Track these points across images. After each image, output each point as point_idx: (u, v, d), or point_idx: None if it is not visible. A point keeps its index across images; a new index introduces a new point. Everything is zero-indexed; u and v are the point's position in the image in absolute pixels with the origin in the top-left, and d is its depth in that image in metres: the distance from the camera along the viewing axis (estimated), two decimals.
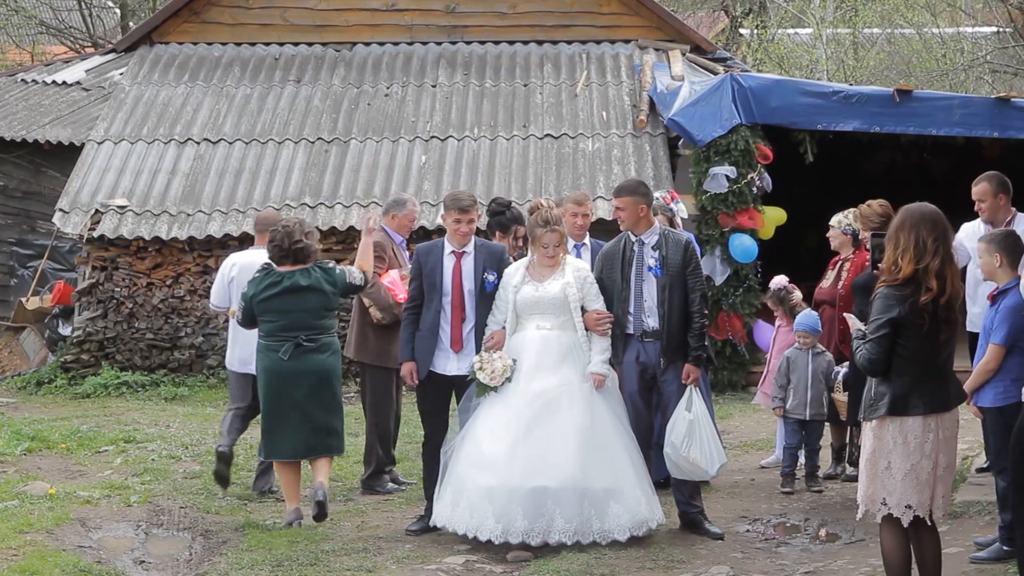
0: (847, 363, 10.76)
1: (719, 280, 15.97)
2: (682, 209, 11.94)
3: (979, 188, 9.79)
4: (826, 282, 11.46)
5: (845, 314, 8.28)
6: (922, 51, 32.83)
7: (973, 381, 8.43)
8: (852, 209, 11.10)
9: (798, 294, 11.96)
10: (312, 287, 10.06)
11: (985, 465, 10.81)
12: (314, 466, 10.20)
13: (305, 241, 10.12)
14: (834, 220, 11.37)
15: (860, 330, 7.48)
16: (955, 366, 7.53)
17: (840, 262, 11.35)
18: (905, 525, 7.34)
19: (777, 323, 12.12)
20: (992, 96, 16.82)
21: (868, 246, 9.76)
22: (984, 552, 8.58)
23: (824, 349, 11.17)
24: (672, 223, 11.02)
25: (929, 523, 7.40)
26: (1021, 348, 8.35)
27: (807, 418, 11.14)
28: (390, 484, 11.27)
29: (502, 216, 11.12)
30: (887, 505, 7.34)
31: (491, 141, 18.12)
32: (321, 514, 9.90)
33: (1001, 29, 32.27)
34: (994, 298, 8.49)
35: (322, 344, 10.10)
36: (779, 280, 12.06)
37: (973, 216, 10.25)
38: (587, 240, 10.80)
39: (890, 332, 7.22)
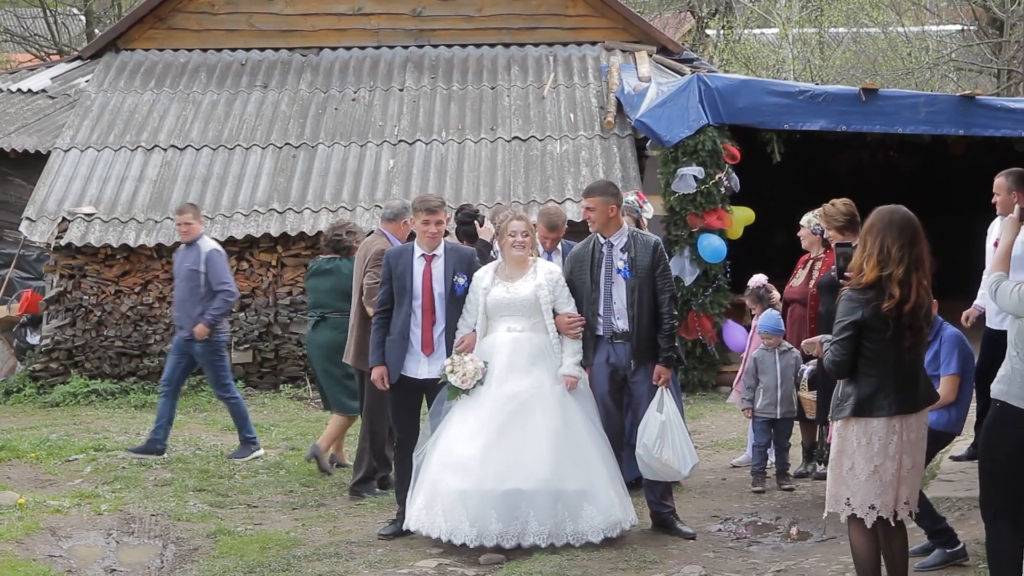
0: (813, 361, 10.79)
1: (688, 280, 15.99)
2: (648, 210, 11.96)
3: (996, 182, 9.81)
4: (796, 281, 11.48)
5: (804, 341, 8.35)
6: (888, 50, 32.97)
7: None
8: (820, 208, 11.13)
9: (776, 294, 11.97)
10: (330, 271, 11.99)
11: (960, 454, 10.90)
12: None
13: (344, 236, 12.12)
14: (804, 220, 11.39)
15: (826, 339, 7.53)
16: None
17: (811, 261, 11.37)
18: (868, 526, 7.37)
19: (755, 322, 12.10)
20: (957, 94, 16.89)
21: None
22: (928, 558, 8.59)
23: (791, 347, 11.19)
24: (639, 223, 11.04)
25: (893, 523, 7.44)
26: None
27: (778, 416, 11.17)
28: (378, 490, 11.24)
29: (469, 226, 11.16)
30: (851, 505, 7.37)
31: (459, 144, 18.12)
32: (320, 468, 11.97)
33: (965, 27, 32.44)
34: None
35: (332, 321, 11.86)
36: (758, 279, 12.06)
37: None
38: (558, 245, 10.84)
39: (854, 334, 7.25)
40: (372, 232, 12.49)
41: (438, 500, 9.31)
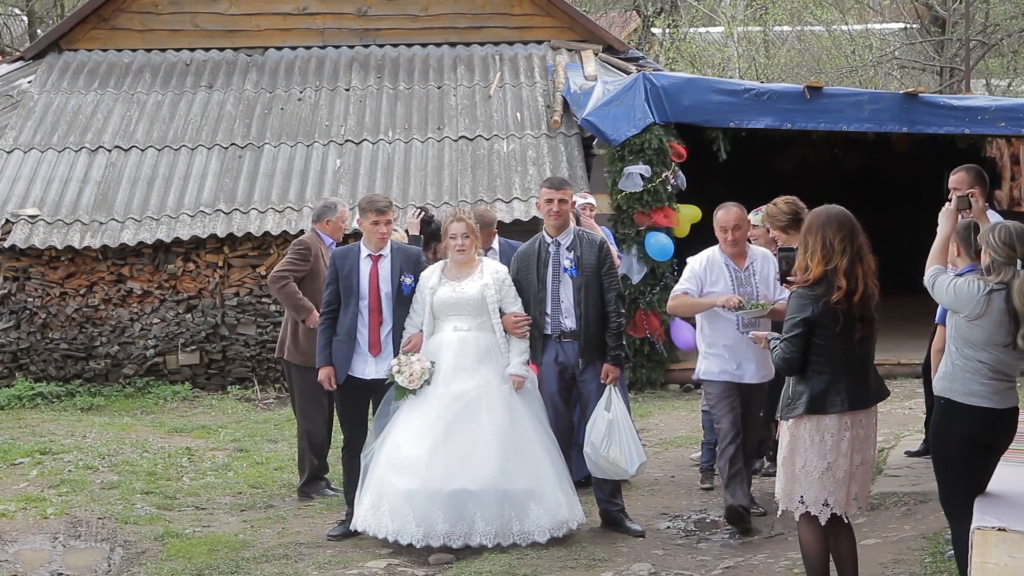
0: None
1: (636, 279, 16.00)
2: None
3: (957, 177, 9.78)
4: None
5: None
6: (832, 48, 33.19)
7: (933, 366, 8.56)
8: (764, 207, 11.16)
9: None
10: None
11: (915, 450, 10.97)
12: None
13: None
14: (754, 219, 11.36)
15: (775, 336, 7.59)
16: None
17: None
18: (823, 523, 7.42)
19: None
20: (901, 92, 17.00)
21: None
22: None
23: None
24: (579, 220, 11.05)
25: (846, 520, 7.49)
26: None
27: None
28: (328, 490, 11.20)
29: (427, 226, 11.18)
30: (804, 503, 7.42)
31: (406, 144, 18.09)
32: None
33: (908, 25, 32.71)
34: None
35: None
36: None
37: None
38: (494, 243, 10.82)
39: (804, 331, 7.32)
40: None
41: (385, 500, 9.31)
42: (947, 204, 8.28)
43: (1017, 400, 7.39)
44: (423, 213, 11.44)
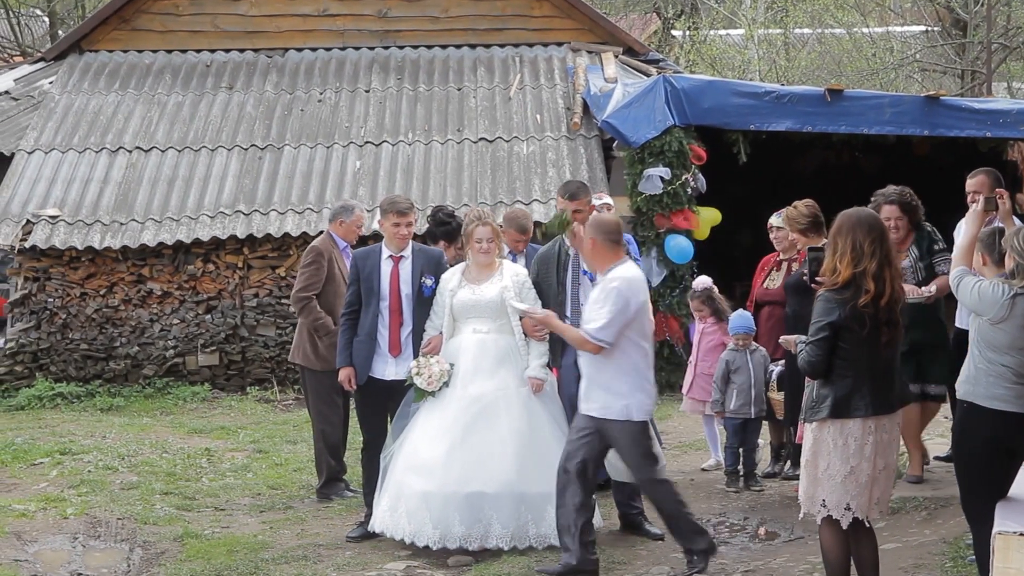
0: (782, 361, 10.80)
1: (655, 281, 15.97)
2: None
3: (976, 180, 9.76)
4: (772, 282, 11.42)
5: (782, 338, 8.38)
6: (852, 51, 33.10)
7: None
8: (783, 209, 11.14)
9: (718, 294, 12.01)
10: None
11: (944, 455, 10.91)
12: None
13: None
14: (776, 221, 11.33)
15: (801, 341, 7.55)
16: None
17: (787, 263, 11.32)
18: (844, 527, 7.38)
19: (700, 325, 12.03)
20: (922, 94, 16.95)
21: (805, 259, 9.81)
22: None
23: (758, 346, 11.20)
24: None
25: (867, 524, 7.46)
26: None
27: (753, 416, 11.15)
28: (347, 492, 11.20)
29: (447, 226, 11.15)
30: (826, 506, 7.39)
31: (426, 145, 18.09)
32: None
33: (930, 28, 32.60)
34: None
35: None
36: (703, 280, 12.09)
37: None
38: None
39: (829, 335, 7.28)
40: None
41: (402, 502, 9.30)
42: (973, 206, 8.25)
43: None
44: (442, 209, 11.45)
